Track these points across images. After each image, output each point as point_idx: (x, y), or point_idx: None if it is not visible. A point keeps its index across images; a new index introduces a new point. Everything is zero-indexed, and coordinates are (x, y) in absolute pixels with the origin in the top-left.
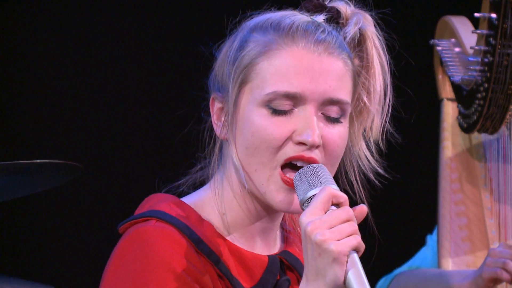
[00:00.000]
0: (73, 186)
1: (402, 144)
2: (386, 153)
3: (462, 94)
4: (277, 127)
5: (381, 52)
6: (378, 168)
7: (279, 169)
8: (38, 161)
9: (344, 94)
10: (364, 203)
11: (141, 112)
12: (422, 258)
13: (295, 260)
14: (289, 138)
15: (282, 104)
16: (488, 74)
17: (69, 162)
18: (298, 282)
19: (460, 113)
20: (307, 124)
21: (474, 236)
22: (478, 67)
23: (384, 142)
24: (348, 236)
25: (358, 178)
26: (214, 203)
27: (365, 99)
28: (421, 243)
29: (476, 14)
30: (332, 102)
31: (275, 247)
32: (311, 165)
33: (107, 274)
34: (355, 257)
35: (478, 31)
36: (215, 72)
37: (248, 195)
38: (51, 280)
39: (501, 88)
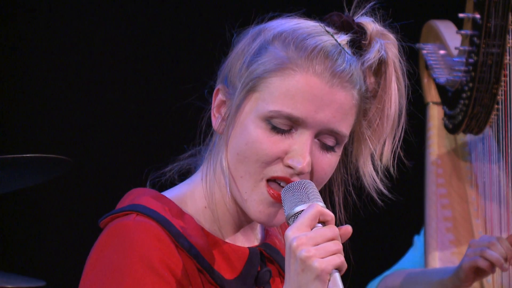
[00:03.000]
0: (63, 180)
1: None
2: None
3: (447, 95)
4: (272, 144)
5: (400, 76)
6: (383, 189)
7: (264, 182)
8: (27, 155)
9: (345, 127)
10: (343, 224)
11: (130, 106)
12: (410, 259)
13: (275, 252)
14: (280, 158)
15: (282, 124)
16: (473, 74)
17: (59, 156)
18: (279, 274)
19: (445, 114)
20: (301, 150)
21: (461, 236)
22: (462, 67)
23: (395, 165)
24: (332, 254)
25: (341, 197)
26: (197, 196)
27: (376, 123)
28: (409, 244)
29: (460, 15)
30: (332, 132)
31: (256, 240)
32: (300, 180)
33: (87, 268)
34: (337, 276)
35: (463, 32)
36: (227, 64)
37: (232, 197)
38: (41, 274)
39: (486, 87)
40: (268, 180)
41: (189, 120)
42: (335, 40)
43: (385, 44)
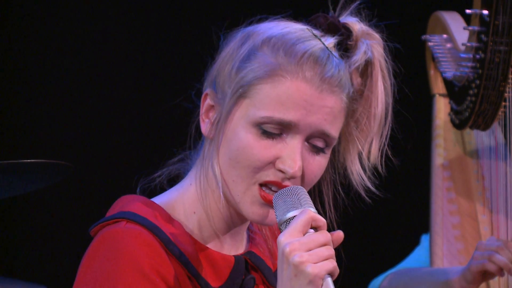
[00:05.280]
0: (64, 186)
1: (395, 140)
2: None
3: (454, 90)
4: (263, 149)
5: (386, 75)
6: (371, 187)
7: (257, 185)
8: (28, 160)
9: (335, 130)
10: (333, 223)
11: (130, 111)
12: (416, 258)
13: (259, 260)
14: (271, 162)
15: (273, 128)
16: (480, 71)
17: (60, 162)
18: (263, 282)
19: (452, 109)
20: (292, 154)
21: (467, 232)
22: (469, 64)
23: (382, 163)
24: (325, 260)
25: (331, 199)
26: (186, 202)
27: (363, 123)
28: (416, 242)
29: (468, 11)
30: (322, 135)
31: (241, 248)
32: (292, 186)
33: (78, 276)
34: (330, 281)
35: (470, 28)
36: (216, 69)
37: (224, 199)
38: (42, 280)
39: (493, 84)
40: (260, 184)
41: (179, 124)
42: (323, 44)
43: (371, 44)
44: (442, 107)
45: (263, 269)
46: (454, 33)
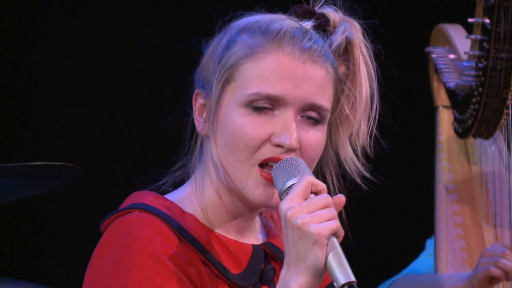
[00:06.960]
0: (72, 188)
1: (400, 150)
2: (382, 159)
3: (457, 100)
4: (257, 127)
5: (368, 60)
6: (365, 172)
7: (257, 166)
8: (36, 163)
9: (325, 100)
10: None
11: (139, 113)
12: (421, 264)
13: (278, 251)
14: (267, 140)
15: (263, 103)
16: (483, 79)
17: (68, 164)
18: None
19: (455, 118)
20: (286, 127)
21: (471, 240)
22: (472, 72)
23: (372, 147)
24: (328, 220)
25: (335, 183)
26: (195, 199)
27: (350, 105)
28: (420, 248)
29: (470, 20)
30: (313, 107)
31: (256, 240)
32: (289, 158)
33: (92, 263)
34: (335, 241)
35: (472, 36)
36: (201, 68)
37: (227, 191)
38: (51, 282)
39: (496, 92)
40: (260, 165)
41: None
42: (299, 24)
43: (350, 26)
44: (445, 118)
45: (282, 259)
46: (457, 44)
